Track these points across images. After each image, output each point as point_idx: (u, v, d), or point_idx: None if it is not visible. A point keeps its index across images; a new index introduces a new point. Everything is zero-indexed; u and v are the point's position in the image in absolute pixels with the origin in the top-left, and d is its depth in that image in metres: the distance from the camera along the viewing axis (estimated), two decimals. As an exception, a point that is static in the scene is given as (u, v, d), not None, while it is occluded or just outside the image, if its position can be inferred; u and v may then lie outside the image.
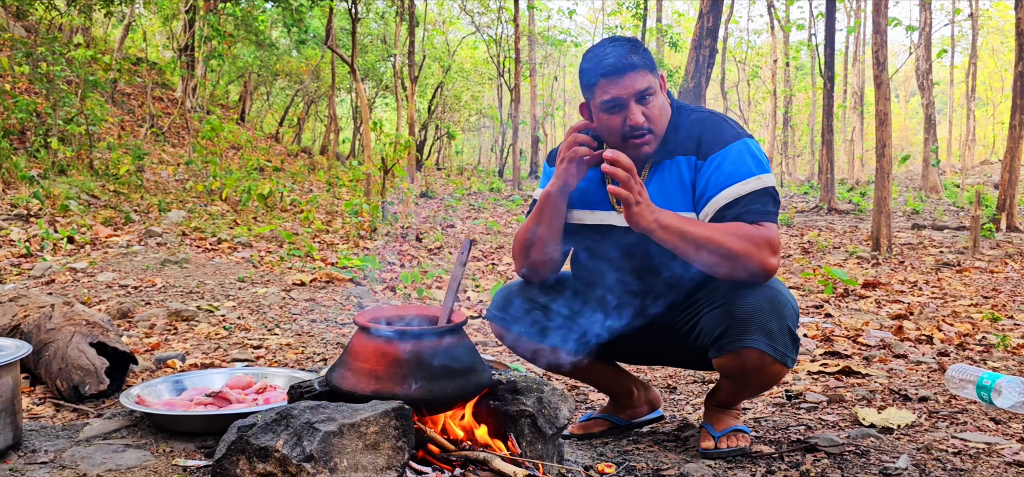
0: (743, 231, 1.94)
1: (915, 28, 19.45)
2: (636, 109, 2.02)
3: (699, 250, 1.93)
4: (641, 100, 2.03)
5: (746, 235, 1.94)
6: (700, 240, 1.93)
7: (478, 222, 11.69)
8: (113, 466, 1.92)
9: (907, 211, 14.39)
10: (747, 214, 1.96)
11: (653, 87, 2.04)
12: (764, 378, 2.05)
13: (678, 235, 1.94)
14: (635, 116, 2.02)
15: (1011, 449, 2.19)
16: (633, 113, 2.02)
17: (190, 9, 14.06)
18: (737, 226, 1.95)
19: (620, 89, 2.01)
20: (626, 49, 2.03)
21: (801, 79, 31.65)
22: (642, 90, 2.02)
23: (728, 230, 1.95)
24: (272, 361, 3.41)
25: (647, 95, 2.03)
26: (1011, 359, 3.51)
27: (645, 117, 2.03)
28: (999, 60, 34.34)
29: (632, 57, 2.01)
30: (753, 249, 1.93)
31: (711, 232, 1.95)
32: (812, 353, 3.66)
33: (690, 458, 2.15)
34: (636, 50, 2.04)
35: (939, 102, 31.06)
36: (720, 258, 1.93)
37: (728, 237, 1.93)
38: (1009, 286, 6.12)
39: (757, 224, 1.95)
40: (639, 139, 2.05)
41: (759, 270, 1.94)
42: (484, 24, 25.98)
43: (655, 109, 2.05)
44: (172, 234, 7.46)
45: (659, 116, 2.06)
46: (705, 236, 1.94)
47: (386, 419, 1.57)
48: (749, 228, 1.95)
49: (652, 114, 2.04)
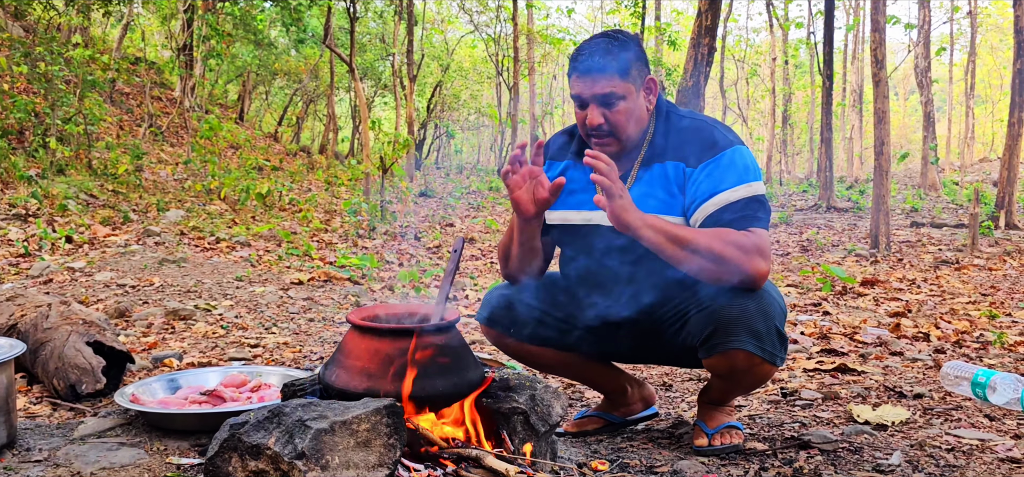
0: (731, 237, 1.93)
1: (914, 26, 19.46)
2: (595, 111, 2.03)
3: (687, 253, 1.92)
4: (604, 103, 2.03)
5: (734, 241, 1.92)
6: (688, 243, 1.92)
7: (477, 220, 11.70)
8: (107, 464, 1.92)
9: (906, 209, 14.39)
10: (736, 221, 1.95)
11: (621, 92, 2.02)
12: (754, 377, 2.06)
13: (664, 235, 1.92)
14: (592, 117, 2.04)
15: (1004, 445, 2.20)
16: (591, 114, 2.04)
17: (188, 8, 14.06)
18: (726, 232, 1.94)
19: (583, 88, 2.04)
20: (602, 49, 2.02)
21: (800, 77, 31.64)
22: (604, 94, 2.02)
23: (716, 235, 1.94)
24: (269, 360, 3.41)
25: (611, 99, 2.02)
26: (1008, 356, 3.52)
27: (606, 119, 2.03)
28: (998, 57, 34.32)
29: (603, 59, 2.01)
30: (741, 255, 1.92)
31: (698, 236, 1.94)
32: (809, 351, 3.66)
33: (684, 455, 2.15)
34: (612, 52, 2.02)
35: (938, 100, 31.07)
36: (708, 263, 1.92)
37: (716, 242, 1.92)
38: (1007, 283, 6.12)
39: (747, 230, 1.95)
40: (597, 140, 2.07)
41: (748, 276, 1.93)
42: (483, 23, 25.98)
43: (620, 114, 2.04)
44: (170, 233, 7.47)
45: (625, 122, 2.05)
46: (692, 239, 1.92)
47: (378, 417, 1.57)
48: (737, 234, 1.93)
49: (616, 119, 2.04)
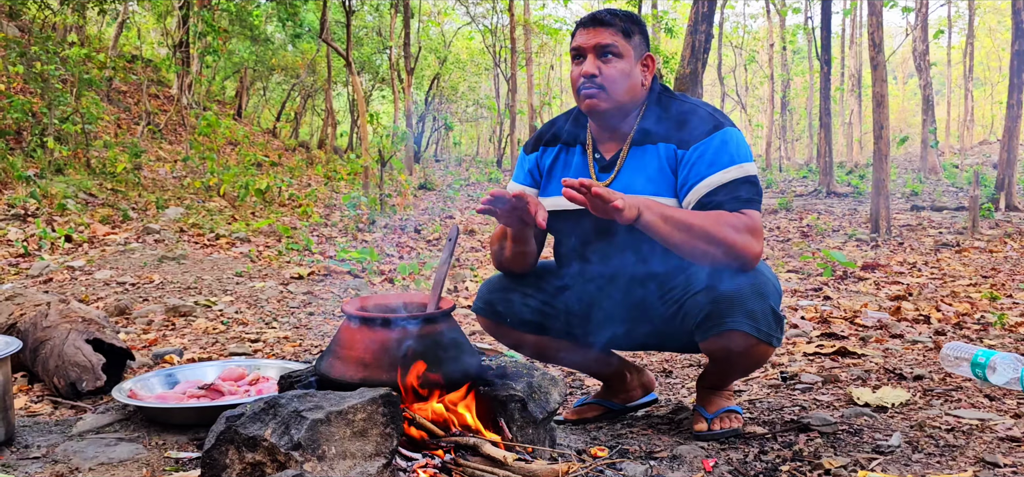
0: (725, 219, 1.93)
1: (912, 9, 19.39)
2: (591, 60, 2.04)
3: (684, 235, 1.91)
4: (601, 55, 2.04)
5: (727, 222, 1.93)
6: (684, 224, 1.91)
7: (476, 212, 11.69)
8: (105, 459, 1.92)
9: (906, 193, 14.37)
10: (728, 202, 1.95)
11: (619, 49, 2.04)
12: (751, 359, 2.05)
13: (662, 218, 1.91)
14: (587, 65, 2.04)
15: (1004, 425, 2.19)
16: (587, 63, 2.04)
17: (184, 5, 14.02)
18: (719, 214, 1.94)
19: (585, 38, 2.05)
20: (609, 10, 2.07)
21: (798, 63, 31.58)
22: (604, 44, 2.03)
23: (710, 217, 1.94)
24: (269, 354, 3.41)
25: (608, 52, 2.04)
26: (1008, 337, 3.51)
27: (600, 72, 2.04)
28: (996, 40, 34.23)
29: (610, 16, 2.05)
30: (735, 236, 1.92)
31: (694, 217, 1.93)
32: (809, 335, 3.66)
33: (683, 440, 2.15)
34: (619, 15, 2.07)
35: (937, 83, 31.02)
36: (704, 244, 1.91)
37: (710, 223, 1.92)
38: (1008, 265, 6.12)
39: (739, 212, 1.95)
40: (586, 92, 2.05)
41: (742, 256, 1.93)
42: (479, 14, 25.91)
43: (614, 70, 2.05)
44: (170, 231, 7.47)
45: (617, 79, 2.05)
46: (688, 221, 1.92)
47: (374, 406, 1.57)
48: (730, 215, 1.94)
49: (609, 73, 2.04)
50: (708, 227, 1.92)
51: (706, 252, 1.93)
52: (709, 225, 1.92)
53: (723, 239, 1.91)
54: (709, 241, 1.91)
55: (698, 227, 1.92)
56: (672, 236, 1.92)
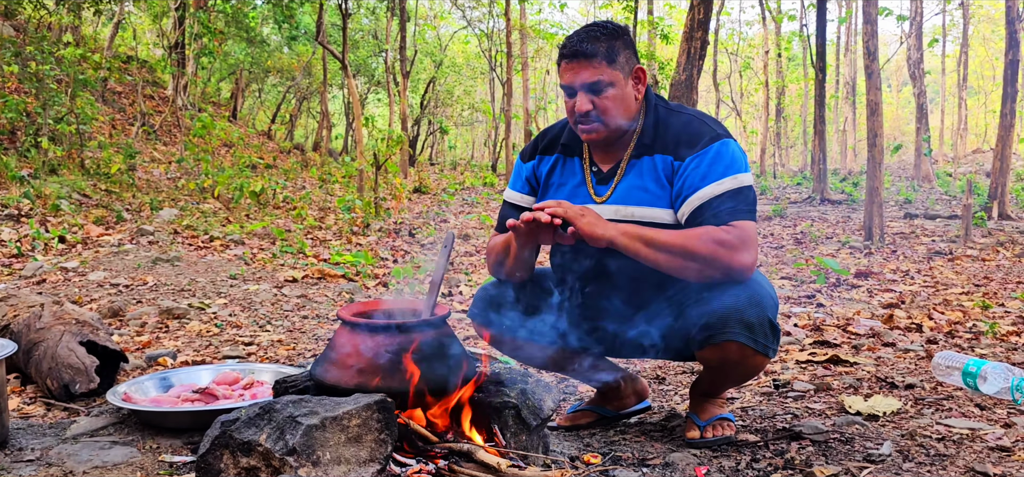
0: (712, 234, 1.94)
1: (906, 18, 19.48)
2: (583, 98, 2.06)
3: (665, 256, 1.94)
4: (592, 90, 2.05)
5: (715, 238, 1.93)
6: (663, 246, 1.94)
7: (471, 216, 11.69)
8: (99, 463, 1.92)
9: (900, 200, 14.42)
10: (722, 213, 1.96)
11: (609, 79, 2.05)
12: (746, 369, 2.07)
13: (641, 241, 1.95)
14: (580, 104, 2.06)
15: (994, 434, 2.21)
16: (579, 101, 2.06)
17: (180, 6, 14.02)
18: (705, 230, 1.95)
19: (572, 76, 2.06)
20: (589, 37, 2.05)
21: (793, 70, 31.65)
22: (591, 82, 2.04)
23: (695, 235, 1.95)
24: (263, 357, 3.41)
25: (599, 87, 2.05)
26: (999, 346, 3.53)
27: (594, 105, 2.06)
28: (990, 49, 34.39)
29: (592, 46, 2.04)
30: (723, 251, 1.93)
31: (674, 238, 1.95)
32: (801, 342, 3.68)
33: (676, 447, 2.16)
34: (600, 40, 2.05)
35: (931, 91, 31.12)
36: (688, 262, 1.93)
37: (694, 241, 1.94)
38: (1000, 274, 6.15)
39: (730, 224, 1.95)
40: (584, 128, 2.09)
41: (730, 269, 1.94)
42: (475, 18, 25.92)
43: (608, 100, 2.06)
44: (164, 232, 7.45)
45: (613, 108, 2.07)
46: (668, 242, 1.94)
47: (368, 412, 1.58)
48: (718, 230, 1.94)
49: (603, 105, 2.06)
50: (689, 245, 1.93)
51: (691, 268, 1.95)
52: (690, 243, 1.93)
53: (707, 254, 1.92)
54: (691, 257, 1.93)
55: (677, 246, 1.93)
56: (652, 257, 1.95)
